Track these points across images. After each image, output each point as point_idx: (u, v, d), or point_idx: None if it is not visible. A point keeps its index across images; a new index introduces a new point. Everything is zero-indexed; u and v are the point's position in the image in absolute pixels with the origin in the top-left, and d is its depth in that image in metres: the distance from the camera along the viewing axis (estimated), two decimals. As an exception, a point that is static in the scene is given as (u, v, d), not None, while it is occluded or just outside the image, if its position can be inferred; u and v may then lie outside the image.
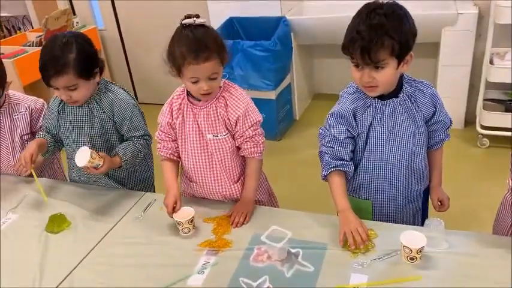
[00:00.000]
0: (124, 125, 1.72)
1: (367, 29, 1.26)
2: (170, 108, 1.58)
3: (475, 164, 2.85)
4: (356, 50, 1.28)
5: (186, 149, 1.60)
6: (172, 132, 1.60)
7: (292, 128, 3.48)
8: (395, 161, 1.47)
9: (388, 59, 1.29)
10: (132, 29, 3.92)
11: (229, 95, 1.53)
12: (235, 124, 1.53)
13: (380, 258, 1.30)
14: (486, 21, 2.80)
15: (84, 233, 1.56)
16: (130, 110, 1.71)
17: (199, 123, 1.54)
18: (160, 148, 1.63)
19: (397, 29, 1.27)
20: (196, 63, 1.38)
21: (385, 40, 1.26)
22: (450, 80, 3.00)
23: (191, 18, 1.40)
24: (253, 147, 1.57)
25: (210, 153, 1.58)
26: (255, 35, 3.20)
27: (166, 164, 1.63)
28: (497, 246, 1.30)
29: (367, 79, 1.32)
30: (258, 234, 1.42)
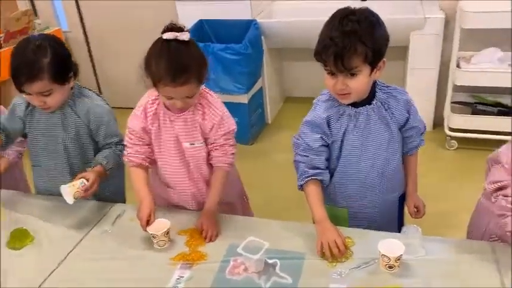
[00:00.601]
0: (100, 132, 1.65)
1: (340, 35, 1.25)
2: (145, 113, 1.51)
3: (444, 165, 2.90)
4: (329, 56, 1.26)
5: (163, 155, 1.55)
6: (146, 137, 1.54)
7: (264, 132, 3.45)
8: (370, 168, 1.46)
9: (361, 65, 1.28)
10: (99, 30, 3.80)
11: (206, 103, 1.49)
12: (209, 132, 1.49)
13: (358, 267, 1.28)
14: (452, 26, 2.86)
15: (49, 249, 1.47)
16: (107, 116, 1.65)
17: (176, 131, 1.49)
18: (131, 153, 1.55)
19: (370, 35, 1.26)
20: (173, 86, 1.33)
21: (358, 47, 1.25)
22: (418, 83, 3.04)
23: (173, 33, 1.33)
24: (222, 156, 1.53)
25: (186, 161, 1.54)
26: (226, 38, 3.15)
27: (137, 172, 1.56)
28: (474, 251, 1.31)
29: (340, 86, 1.31)
30: (233, 246, 1.38)
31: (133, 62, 1.41)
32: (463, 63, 2.81)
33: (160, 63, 1.33)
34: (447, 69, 2.95)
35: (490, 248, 1.31)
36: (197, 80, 1.37)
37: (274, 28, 3.19)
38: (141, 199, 1.49)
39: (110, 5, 3.62)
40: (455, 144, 2.99)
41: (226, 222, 1.52)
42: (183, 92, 1.36)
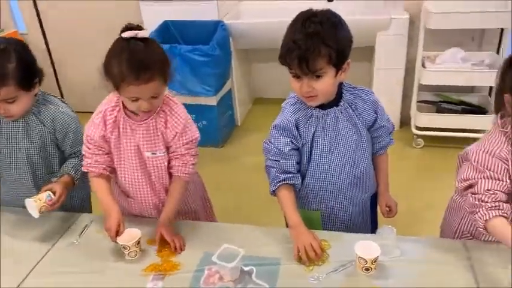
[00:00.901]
0: (67, 140, 1.58)
1: (303, 37, 1.24)
2: (103, 120, 1.44)
3: (412, 163, 2.96)
4: (293, 59, 1.25)
5: (123, 165, 1.49)
6: (106, 146, 1.47)
7: (234, 134, 3.42)
8: (340, 169, 1.46)
9: (325, 67, 1.27)
10: (59, 32, 3.66)
11: (169, 110, 1.44)
12: (172, 140, 1.45)
13: (335, 270, 1.27)
14: (417, 26, 2.92)
15: (12, 263, 1.39)
16: (74, 123, 1.58)
17: (137, 140, 1.43)
18: (91, 163, 1.47)
19: (333, 36, 1.26)
20: (137, 84, 1.27)
21: (322, 48, 1.24)
22: (385, 82, 3.09)
23: (132, 31, 1.28)
24: (182, 166, 1.48)
25: (148, 171, 1.48)
26: (192, 39, 3.10)
27: (99, 182, 1.49)
28: (447, 250, 1.32)
29: (306, 89, 1.30)
30: (207, 254, 1.34)
31: (96, 64, 1.35)
32: (428, 63, 2.87)
33: (121, 62, 1.27)
34: (412, 69, 3.01)
35: (462, 246, 1.33)
36: (162, 78, 1.32)
37: (242, 29, 3.16)
38: (107, 210, 1.42)
39: (71, 6, 3.50)
40: (421, 142, 3.05)
41: (199, 230, 1.48)
42: (149, 91, 1.30)
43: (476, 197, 1.22)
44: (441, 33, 2.86)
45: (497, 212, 1.19)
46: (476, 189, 1.23)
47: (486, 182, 1.22)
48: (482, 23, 2.67)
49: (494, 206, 1.19)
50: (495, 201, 1.20)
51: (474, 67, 2.77)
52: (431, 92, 3.13)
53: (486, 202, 1.20)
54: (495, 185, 1.21)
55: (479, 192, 1.22)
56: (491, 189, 1.21)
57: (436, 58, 2.88)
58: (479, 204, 1.21)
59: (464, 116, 2.94)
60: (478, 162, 1.24)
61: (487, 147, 1.24)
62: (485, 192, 1.21)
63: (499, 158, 1.22)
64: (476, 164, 1.24)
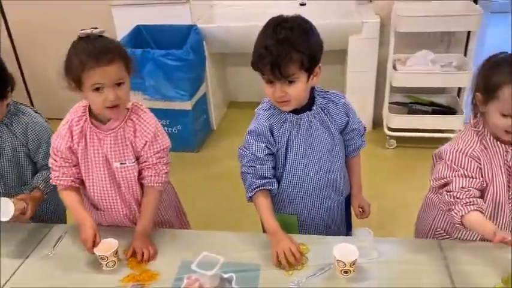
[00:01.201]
0: (40, 152, 1.54)
1: (274, 43, 1.25)
2: (70, 131, 1.40)
3: (385, 164, 3.01)
4: (266, 65, 1.27)
5: (91, 177, 1.45)
6: (73, 157, 1.43)
7: (210, 138, 3.40)
8: (315, 173, 1.48)
9: (298, 73, 1.29)
10: (27, 36, 3.55)
11: (137, 118, 1.42)
12: (142, 149, 1.42)
13: (315, 274, 1.28)
14: (387, 29, 2.97)
15: (-18, 280, 1.34)
16: (47, 134, 1.54)
17: (105, 150, 1.40)
18: (59, 176, 1.44)
19: (303, 42, 1.27)
20: (98, 66, 1.25)
21: (294, 54, 1.26)
22: (358, 85, 3.14)
23: (88, 30, 1.29)
24: (155, 175, 1.45)
25: (117, 182, 1.45)
26: (165, 43, 3.07)
27: (68, 194, 1.46)
28: (423, 250, 1.35)
29: (279, 94, 1.31)
30: (186, 262, 1.32)
31: None
32: (399, 65, 2.93)
33: (80, 53, 1.27)
34: (384, 71, 3.06)
35: (437, 245, 1.36)
36: (123, 63, 1.31)
37: (216, 33, 3.15)
38: (80, 221, 1.39)
39: (40, 10, 3.41)
40: (394, 143, 3.10)
41: (176, 238, 1.47)
42: (111, 74, 1.28)
43: (451, 194, 1.27)
44: (411, 36, 2.93)
45: (472, 207, 1.24)
46: (451, 187, 1.27)
47: (460, 180, 1.26)
48: (450, 26, 2.75)
49: (469, 202, 1.24)
50: (469, 197, 1.25)
51: (443, 69, 2.85)
52: (402, 94, 3.19)
53: (461, 199, 1.25)
54: (469, 183, 1.26)
55: (454, 190, 1.26)
56: (465, 187, 1.25)
57: (406, 60, 2.95)
58: (455, 201, 1.25)
59: (434, 117, 3.01)
60: (452, 161, 1.29)
61: (460, 146, 1.29)
62: (459, 190, 1.26)
63: (472, 157, 1.27)
64: (450, 163, 1.29)
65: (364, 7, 3.12)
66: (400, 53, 2.99)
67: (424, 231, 1.52)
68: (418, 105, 3.12)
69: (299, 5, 3.26)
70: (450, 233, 1.42)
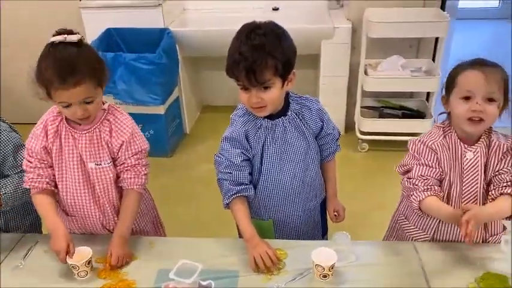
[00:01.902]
0: (6, 164, 1.46)
1: (249, 49, 1.26)
2: (45, 131, 1.37)
3: (358, 167, 3.05)
4: (241, 72, 1.27)
5: (64, 178, 1.41)
6: (48, 158, 1.39)
7: (183, 143, 3.37)
8: (290, 178, 1.49)
9: (273, 78, 1.30)
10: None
11: (114, 119, 1.39)
12: (119, 151, 1.40)
13: (294, 279, 1.28)
14: (359, 35, 3.02)
15: None
16: (11, 145, 1.46)
17: (80, 150, 1.37)
18: (33, 178, 1.39)
19: (277, 48, 1.29)
20: (64, 88, 1.23)
21: (268, 60, 1.27)
22: (330, 89, 3.17)
23: (61, 35, 1.24)
24: (134, 177, 1.42)
25: (92, 184, 1.42)
26: (137, 47, 3.02)
27: (42, 198, 1.40)
28: (398, 252, 1.37)
29: (255, 100, 1.32)
30: (163, 270, 1.30)
31: None
32: (370, 70, 2.99)
33: (48, 68, 1.23)
34: (356, 76, 3.11)
35: (413, 247, 1.39)
36: (93, 82, 1.28)
37: (189, 37, 3.13)
38: (52, 229, 1.34)
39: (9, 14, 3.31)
40: (366, 146, 3.16)
41: (153, 245, 1.44)
42: (78, 95, 1.25)
43: (411, 181, 1.34)
44: (382, 42, 2.99)
45: (429, 192, 1.31)
46: (411, 174, 1.35)
47: (420, 168, 1.34)
48: (420, 32, 2.82)
49: (426, 189, 1.31)
50: (427, 185, 1.32)
51: (413, 74, 2.92)
52: (373, 98, 3.25)
53: (419, 186, 1.32)
54: (428, 171, 1.33)
55: (413, 177, 1.34)
56: (424, 175, 1.33)
57: (377, 65, 3.00)
58: (413, 188, 1.33)
59: (404, 121, 3.09)
60: (414, 150, 1.37)
61: (423, 138, 1.37)
62: (418, 177, 1.33)
63: (431, 148, 1.35)
64: (413, 152, 1.37)
65: (336, 12, 3.17)
66: (371, 58, 3.04)
67: (392, 220, 1.58)
68: (389, 109, 3.19)
69: (272, 9, 3.29)
70: (408, 218, 1.48)
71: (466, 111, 1.25)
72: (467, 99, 1.25)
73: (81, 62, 1.25)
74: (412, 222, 1.46)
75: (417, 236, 1.44)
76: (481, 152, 1.32)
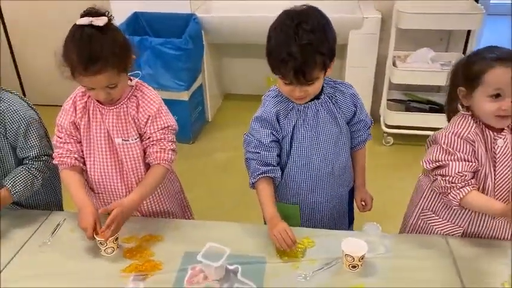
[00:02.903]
0: (18, 143, 1.44)
1: (298, 50, 1.23)
2: (74, 106, 1.38)
3: (382, 161, 3.00)
4: (289, 71, 1.25)
5: (92, 154, 1.41)
6: (77, 134, 1.40)
7: (205, 130, 3.36)
8: (320, 162, 1.46)
9: (319, 74, 1.29)
10: (20, 22, 3.46)
11: (141, 95, 1.39)
12: (145, 125, 1.39)
13: (322, 268, 1.26)
14: (388, 26, 2.96)
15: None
16: (24, 125, 1.42)
17: (107, 126, 1.37)
18: (62, 153, 1.39)
19: (324, 43, 1.26)
20: (85, 75, 1.24)
21: (317, 58, 1.25)
22: (356, 80, 3.06)
23: (87, 17, 1.23)
24: (160, 151, 1.39)
25: (120, 160, 1.41)
26: (163, 32, 3.01)
27: (70, 175, 1.40)
28: (430, 246, 1.34)
29: (299, 94, 1.31)
30: (190, 253, 1.30)
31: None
32: (399, 62, 2.92)
33: (72, 51, 1.23)
34: (383, 68, 3.05)
35: (445, 241, 1.35)
36: (116, 68, 1.27)
37: (215, 23, 3.10)
38: (81, 206, 1.34)
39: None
40: (391, 140, 3.10)
41: (179, 228, 1.43)
42: (101, 82, 1.26)
43: (446, 179, 1.27)
44: (411, 34, 2.92)
45: (469, 188, 1.24)
46: (446, 171, 1.27)
47: (456, 164, 1.26)
48: (452, 24, 2.74)
49: (465, 185, 1.25)
50: (465, 180, 1.25)
51: (443, 67, 2.85)
52: (399, 91, 3.19)
53: (456, 183, 1.25)
54: (465, 167, 1.26)
55: (449, 175, 1.26)
56: (461, 172, 1.25)
57: (406, 57, 2.94)
58: (450, 186, 1.26)
59: (431, 115, 3.01)
60: (447, 144, 1.28)
61: (455, 129, 1.28)
62: (455, 175, 1.25)
63: (467, 140, 1.26)
64: (446, 146, 1.28)
65: (365, 3, 3.10)
66: (399, 50, 2.98)
67: (409, 214, 1.51)
68: (416, 103, 3.13)
69: (299, -3, 3.24)
70: (438, 213, 1.41)
71: (496, 110, 1.20)
72: (496, 97, 1.20)
73: (105, 50, 1.23)
74: (442, 216, 1.40)
75: (449, 231, 1.39)
76: (509, 138, 1.26)
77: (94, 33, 1.23)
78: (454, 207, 1.31)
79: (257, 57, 3.52)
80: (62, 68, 1.28)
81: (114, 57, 1.25)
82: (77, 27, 1.24)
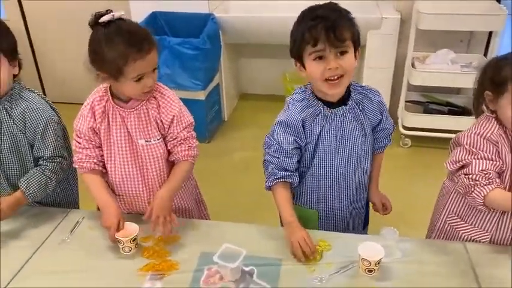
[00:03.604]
0: (35, 142, 1.45)
1: (326, 11, 1.24)
2: (92, 111, 1.38)
3: (399, 163, 2.97)
4: (320, 32, 1.23)
5: (113, 158, 1.42)
6: (96, 138, 1.41)
7: (221, 130, 3.37)
8: (343, 169, 1.44)
9: (349, 42, 1.26)
10: (41, 21, 3.52)
11: (160, 96, 1.40)
12: (169, 126, 1.40)
13: (338, 272, 1.25)
14: (407, 26, 2.92)
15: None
16: (44, 123, 1.43)
17: (128, 128, 1.38)
18: (82, 159, 1.41)
19: (349, 14, 1.29)
20: (141, 56, 1.24)
21: (346, 21, 1.26)
22: (374, 81, 3.07)
23: (108, 14, 1.24)
24: (188, 150, 1.43)
25: (142, 161, 1.42)
26: (181, 31, 3.03)
27: (91, 178, 1.42)
28: (448, 252, 1.32)
29: (333, 64, 1.25)
30: (206, 253, 1.30)
31: (80, 54, 1.31)
32: (418, 63, 2.89)
33: (117, 44, 1.24)
34: (401, 69, 3.02)
35: (463, 247, 1.33)
36: (156, 47, 1.30)
37: (233, 23, 3.11)
38: (104, 206, 1.37)
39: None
40: (409, 142, 3.07)
41: (194, 228, 1.44)
42: (152, 61, 1.29)
43: (470, 177, 1.24)
44: (430, 34, 2.88)
45: (493, 185, 1.21)
46: (469, 169, 1.25)
47: (480, 162, 1.24)
48: (474, 25, 2.70)
49: (489, 182, 1.22)
50: (489, 178, 1.22)
51: (463, 69, 2.80)
52: (418, 92, 3.15)
53: (480, 181, 1.22)
54: (489, 165, 1.23)
55: (473, 173, 1.24)
56: (485, 169, 1.23)
57: (425, 59, 2.90)
58: (474, 184, 1.23)
59: (450, 117, 2.97)
60: (470, 144, 1.26)
61: (478, 130, 1.26)
62: (479, 173, 1.23)
63: (490, 140, 1.25)
64: (468, 146, 1.26)
65: (385, 3, 3.07)
66: (418, 51, 2.94)
67: (436, 218, 1.49)
68: (434, 104, 3.09)
69: (318, -3, 3.22)
70: (464, 218, 1.39)
71: None
72: None
73: (143, 30, 1.29)
74: (469, 221, 1.38)
75: (475, 236, 1.36)
76: None
77: (123, 21, 1.27)
78: (480, 208, 1.27)
79: (274, 57, 3.57)
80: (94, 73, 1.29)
81: (151, 36, 1.29)
82: (104, 26, 1.25)
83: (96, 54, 1.26)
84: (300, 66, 1.33)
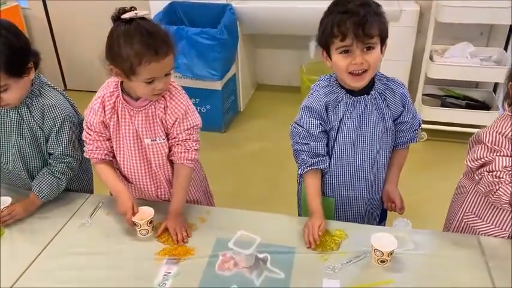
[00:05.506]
0: (50, 139, 1.47)
1: (356, 6, 1.25)
2: (102, 106, 1.40)
3: (415, 157, 2.94)
4: (348, 27, 1.24)
5: (122, 152, 1.46)
6: (106, 132, 1.43)
7: (237, 120, 3.39)
8: (362, 158, 1.46)
9: (377, 38, 1.28)
10: (61, 10, 3.57)
11: (169, 96, 1.40)
12: (172, 126, 1.41)
13: (350, 261, 1.27)
14: (426, 19, 2.89)
15: (22, 243, 1.37)
16: (61, 120, 1.45)
17: (136, 126, 1.40)
18: (92, 150, 1.44)
19: (380, 8, 1.29)
20: (156, 59, 1.24)
21: (375, 17, 1.26)
22: (391, 74, 2.95)
23: (131, 12, 1.24)
24: (184, 152, 1.43)
25: (148, 158, 1.45)
26: (199, 21, 3.05)
27: (102, 168, 1.46)
28: (461, 244, 1.33)
29: (359, 59, 1.26)
30: (221, 240, 1.33)
31: (99, 43, 1.32)
32: (436, 57, 2.86)
33: (134, 42, 1.23)
34: (419, 62, 2.99)
35: (476, 241, 1.34)
36: (174, 53, 1.29)
37: (250, 13, 3.11)
38: (117, 193, 1.41)
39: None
40: (425, 135, 3.05)
41: (211, 215, 1.47)
42: (167, 66, 1.28)
43: (494, 174, 1.23)
44: (450, 27, 2.84)
45: None
46: (492, 167, 1.23)
47: (503, 159, 1.23)
48: (492, 18, 2.65)
49: None
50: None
51: (482, 63, 2.77)
52: (435, 86, 3.12)
53: (505, 178, 1.21)
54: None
55: (496, 170, 1.23)
56: (508, 166, 1.22)
57: (444, 52, 2.87)
58: (498, 181, 1.22)
59: (468, 111, 2.94)
60: (491, 142, 1.25)
61: (499, 129, 1.26)
62: (503, 169, 1.22)
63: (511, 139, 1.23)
64: (490, 144, 1.25)
65: (404, -5, 3.04)
66: (437, 44, 2.91)
67: (452, 217, 1.49)
68: (452, 98, 3.06)
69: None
70: (480, 216, 1.38)
71: None
72: None
73: (163, 33, 1.27)
74: (487, 219, 1.37)
75: (493, 234, 1.36)
76: None
77: (146, 21, 1.26)
78: (504, 207, 1.26)
79: (290, 48, 3.57)
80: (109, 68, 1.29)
81: (171, 40, 1.28)
82: (125, 23, 1.24)
83: (113, 48, 1.26)
84: (326, 56, 1.35)
